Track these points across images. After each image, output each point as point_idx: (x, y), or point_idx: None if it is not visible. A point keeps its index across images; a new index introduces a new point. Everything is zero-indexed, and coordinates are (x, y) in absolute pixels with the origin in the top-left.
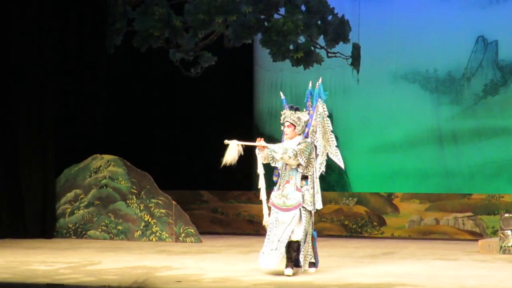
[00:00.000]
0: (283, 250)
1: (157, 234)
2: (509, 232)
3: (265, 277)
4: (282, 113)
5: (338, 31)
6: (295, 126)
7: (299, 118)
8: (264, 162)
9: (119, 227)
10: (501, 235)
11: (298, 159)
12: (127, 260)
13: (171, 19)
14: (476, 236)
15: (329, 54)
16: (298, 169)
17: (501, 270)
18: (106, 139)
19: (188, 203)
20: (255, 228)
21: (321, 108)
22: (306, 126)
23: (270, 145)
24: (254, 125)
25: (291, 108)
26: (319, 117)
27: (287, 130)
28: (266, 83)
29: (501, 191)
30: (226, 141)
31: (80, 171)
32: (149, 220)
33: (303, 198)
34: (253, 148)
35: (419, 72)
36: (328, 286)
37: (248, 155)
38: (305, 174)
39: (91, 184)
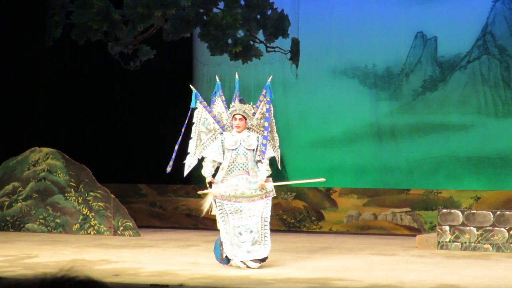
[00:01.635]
0: (269, 240)
1: (95, 227)
2: (446, 227)
3: (203, 270)
4: (231, 105)
5: (277, 25)
6: (246, 118)
7: (249, 111)
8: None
9: (57, 220)
10: (439, 230)
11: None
12: (64, 253)
13: (110, 12)
14: (414, 231)
15: (268, 49)
16: (259, 162)
17: (438, 265)
18: (45, 132)
19: (127, 197)
20: (193, 222)
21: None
22: (265, 119)
23: (260, 178)
24: (192, 119)
25: (241, 101)
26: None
27: (239, 123)
28: (204, 77)
29: (439, 186)
30: (200, 192)
31: (18, 163)
32: (87, 214)
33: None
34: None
35: (358, 68)
36: (266, 280)
37: (186, 147)
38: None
39: (29, 177)
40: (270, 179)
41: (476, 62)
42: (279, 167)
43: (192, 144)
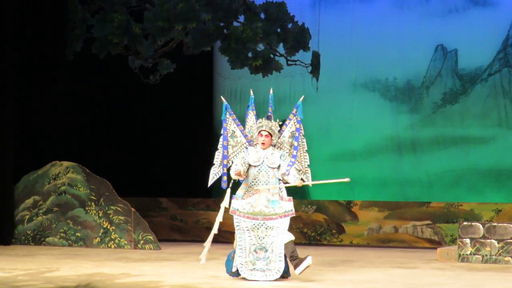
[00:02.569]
0: (283, 260)
1: (116, 241)
2: (467, 240)
3: (224, 284)
4: (258, 121)
5: (298, 39)
6: (271, 135)
7: (276, 128)
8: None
9: (78, 234)
10: (460, 243)
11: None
12: (85, 267)
13: (130, 26)
14: (434, 244)
15: (289, 62)
16: (280, 180)
17: (459, 278)
18: (65, 146)
19: (147, 210)
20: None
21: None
22: (294, 139)
23: (296, 178)
24: (213, 133)
25: (268, 117)
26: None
27: (265, 140)
28: (225, 90)
29: (459, 199)
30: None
31: (39, 177)
32: (108, 227)
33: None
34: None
35: (379, 81)
36: None
37: (206, 161)
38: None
39: (50, 190)
40: (291, 198)
41: (497, 75)
42: (310, 185)
43: (218, 155)
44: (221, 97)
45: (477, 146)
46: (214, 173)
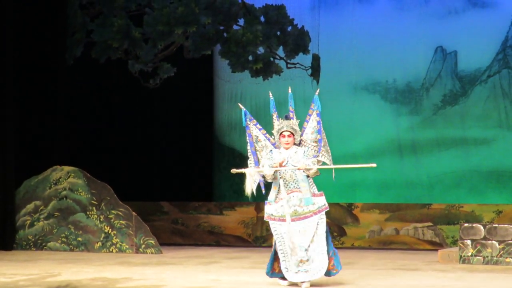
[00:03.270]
0: (326, 257)
1: (117, 245)
2: (468, 241)
3: (225, 287)
4: (278, 123)
5: (298, 42)
6: (294, 135)
7: (296, 126)
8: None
9: (79, 239)
10: (461, 244)
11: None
12: (87, 271)
13: (130, 30)
14: (436, 246)
15: (289, 65)
16: (308, 177)
17: (460, 280)
18: (66, 151)
19: (148, 214)
20: (215, 239)
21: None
22: (317, 132)
23: (303, 162)
24: (214, 137)
25: (286, 117)
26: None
27: (288, 140)
28: (225, 94)
29: (460, 201)
30: (233, 171)
31: (40, 182)
32: (109, 232)
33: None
34: (214, 158)
35: (379, 83)
36: None
37: (207, 165)
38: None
39: (51, 195)
40: (322, 193)
41: (496, 76)
42: (333, 179)
43: (250, 163)
44: (239, 104)
45: (477, 147)
46: (251, 182)
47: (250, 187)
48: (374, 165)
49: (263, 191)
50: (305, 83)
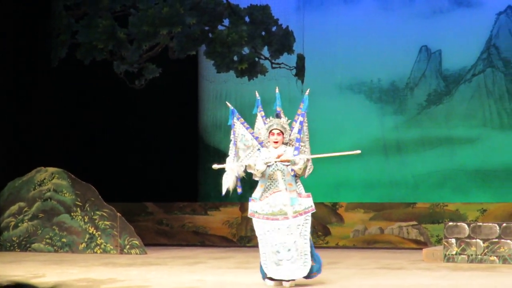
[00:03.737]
0: (309, 258)
1: (102, 246)
2: (453, 240)
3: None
4: (268, 120)
5: (283, 42)
6: (283, 133)
7: (286, 125)
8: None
9: (64, 240)
10: (445, 243)
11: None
12: (71, 273)
13: (115, 31)
14: (420, 244)
15: (274, 65)
16: (296, 177)
17: (445, 279)
18: (50, 152)
19: (133, 215)
20: (200, 239)
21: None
22: (298, 132)
23: (289, 154)
24: (199, 137)
25: (277, 115)
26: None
27: (277, 138)
28: (210, 94)
29: (445, 199)
30: (215, 167)
31: (24, 184)
32: (94, 232)
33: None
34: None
35: (364, 83)
36: None
37: (192, 165)
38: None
39: (35, 197)
40: (310, 194)
41: (481, 75)
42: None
43: (229, 162)
44: (227, 102)
45: (462, 146)
46: (232, 177)
47: (229, 183)
48: (359, 151)
49: (239, 191)
50: (290, 83)
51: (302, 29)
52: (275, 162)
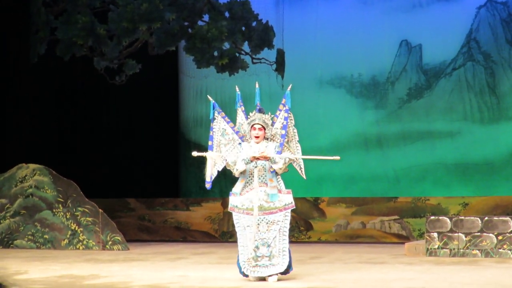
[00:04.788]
0: (287, 254)
1: (84, 242)
2: (435, 234)
3: (192, 283)
4: (250, 115)
5: (263, 37)
6: (265, 128)
7: (268, 120)
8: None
9: (46, 236)
10: (428, 237)
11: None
12: (54, 269)
13: (94, 27)
14: (402, 239)
15: (254, 60)
16: (277, 173)
17: (427, 272)
18: (32, 148)
19: (115, 211)
20: (182, 235)
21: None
22: (283, 128)
23: (270, 152)
24: (179, 133)
25: (260, 110)
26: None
27: (258, 133)
28: (191, 90)
29: (426, 193)
30: (195, 154)
31: (5, 180)
32: (76, 229)
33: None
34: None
35: (344, 77)
36: None
37: (173, 161)
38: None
39: (17, 193)
40: (290, 191)
41: (461, 69)
42: (304, 177)
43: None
44: (208, 96)
45: (443, 140)
46: (211, 165)
47: (208, 171)
48: (338, 158)
49: (208, 186)
50: (270, 78)
51: (281, 23)
52: (255, 160)
